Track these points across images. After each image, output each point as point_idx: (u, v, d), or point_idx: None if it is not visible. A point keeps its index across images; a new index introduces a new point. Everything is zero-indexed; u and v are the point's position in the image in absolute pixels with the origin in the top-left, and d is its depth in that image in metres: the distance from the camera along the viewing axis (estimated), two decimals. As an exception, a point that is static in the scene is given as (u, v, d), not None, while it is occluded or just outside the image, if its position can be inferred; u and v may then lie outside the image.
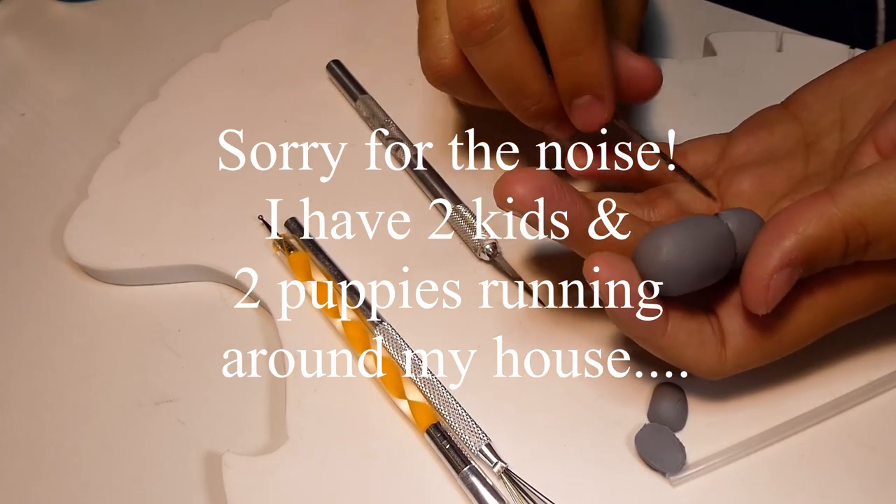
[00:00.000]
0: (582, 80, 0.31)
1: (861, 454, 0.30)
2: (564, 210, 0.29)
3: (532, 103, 0.32)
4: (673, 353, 0.29)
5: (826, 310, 0.28)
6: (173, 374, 0.35)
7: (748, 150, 0.34)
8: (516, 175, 0.29)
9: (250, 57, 0.46)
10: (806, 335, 0.29)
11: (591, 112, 0.31)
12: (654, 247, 0.28)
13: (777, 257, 0.26)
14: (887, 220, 0.26)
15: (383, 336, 0.34)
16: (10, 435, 0.35)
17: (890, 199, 0.26)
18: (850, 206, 0.26)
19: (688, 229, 0.28)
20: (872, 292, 0.28)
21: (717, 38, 0.44)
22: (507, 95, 0.33)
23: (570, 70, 0.30)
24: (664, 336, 0.29)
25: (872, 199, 0.26)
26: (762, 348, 0.29)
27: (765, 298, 0.26)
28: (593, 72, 0.30)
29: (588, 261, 0.28)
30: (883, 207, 0.26)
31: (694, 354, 0.29)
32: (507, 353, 0.34)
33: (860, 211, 0.26)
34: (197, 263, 0.38)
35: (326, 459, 0.31)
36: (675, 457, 0.30)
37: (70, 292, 0.39)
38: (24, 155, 0.45)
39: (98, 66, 0.49)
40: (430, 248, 0.37)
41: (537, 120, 0.33)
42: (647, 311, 0.28)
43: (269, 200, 0.39)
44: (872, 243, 0.26)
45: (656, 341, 0.29)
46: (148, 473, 0.33)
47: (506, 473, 0.30)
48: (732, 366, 0.29)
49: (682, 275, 0.28)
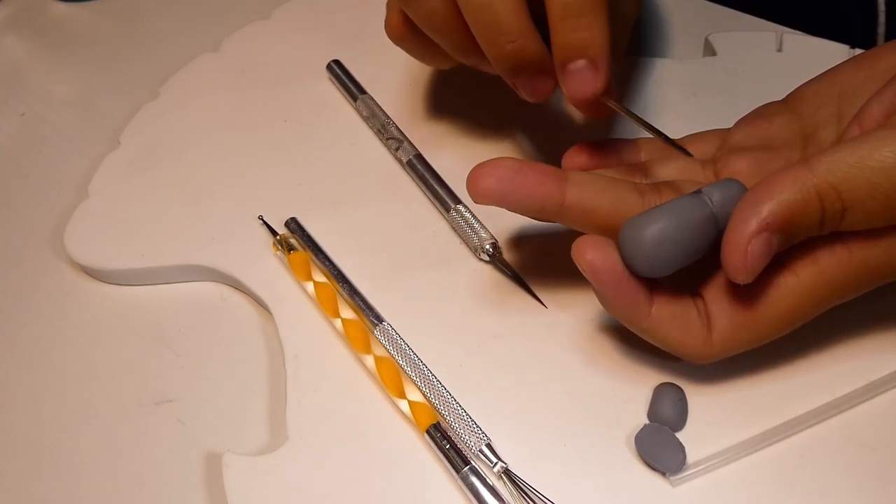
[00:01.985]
0: (580, 43, 0.30)
1: (861, 454, 0.30)
2: (529, 192, 0.29)
3: (508, 40, 0.31)
4: (657, 335, 0.29)
5: (811, 291, 0.28)
6: (173, 374, 0.35)
7: (747, 136, 0.34)
8: (478, 170, 0.30)
9: (250, 57, 0.46)
10: (793, 318, 0.29)
11: (584, 78, 0.31)
12: (637, 231, 0.28)
13: (754, 223, 0.26)
14: (861, 186, 0.26)
15: (383, 336, 0.34)
16: (10, 435, 0.35)
17: (863, 164, 0.26)
18: (825, 172, 0.26)
19: (670, 212, 0.28)
20: (858, 272, 0.28)
21: (717, 38, 0.44)
22: (484, 30, 0.31)
23: (569, 30, 0.30)
24: (648, 318, 0.29)
25: (846, 166, 0.26)
26: (748, 332, 0.29)
27: (744, 265, 0.26)
28: (593, 35, 0.30)
29: (576, 243, 0.29)
30: (857, 173, 0.26)
31: (679, 337, 0.29)
32: (507, 352, 0.34)
33: (834, 177, 0.26)
34: (197, 263, 0.38)
35: (326, 459, 0.31)
36: (675, 457, 0.30)
37: (70, 292, 0.39)
38: (24, 155, 0.45)
39: (98, 66, 0.49)
40: (430, 248, 0.37)
41: (512, 63, 0.32)
42: (630, 293, 0.29)
43: (269, 200, 0.39)
44: (848, 210, 0.26)
45: (640, 323, 0.29)
46: (148, 473, 0.33)
47: (506, 473, 0.30)
48: (719, 350, 0.29)
49: (665, 258, 0.28)
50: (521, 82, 0.33)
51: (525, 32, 0.31)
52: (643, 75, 0.43)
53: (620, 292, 0.29)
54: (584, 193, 0.30)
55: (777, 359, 0.32)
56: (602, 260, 0.28)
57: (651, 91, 0.42)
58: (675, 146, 0.32)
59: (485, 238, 0.36)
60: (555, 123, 0.41)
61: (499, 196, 0.30)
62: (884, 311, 0.33)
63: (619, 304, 0.29)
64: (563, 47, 0.31)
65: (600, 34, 0.30)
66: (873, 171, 0.26)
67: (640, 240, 0.28)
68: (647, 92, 0.42)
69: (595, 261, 0.28)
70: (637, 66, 0.43)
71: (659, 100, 0.42)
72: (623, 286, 0.29)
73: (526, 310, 0.35)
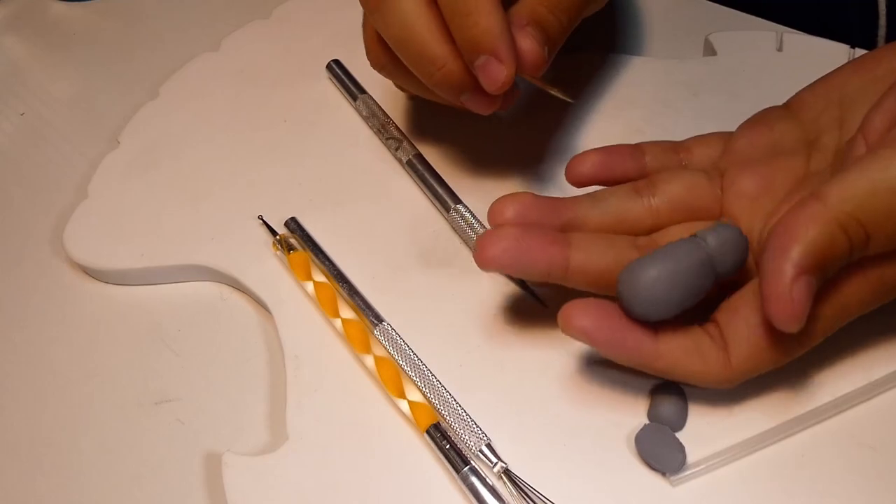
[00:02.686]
0: (474, 40, 0.31)
1: (861, 454, 0.30)
2: (534, 260, 0.30)
3: (436, 68, 0.32)
4: (676, 372, 0.29)
5: (832, 309, 0.28)
6: (173, 374, 0.35)
7: (750, 143, 0.34)
8: (483, 240, 0.30)
9: (250, 57, 0.46)
10: (813, 336, 0.29)
11: (491, 71, 0.31)
12: (634, 275, 0.29)
13: (790, 269, 0.26)
14: (878, 210, 0.26)
15: (383, 336, 0.34)
16: (10, 435, 0.35)
17: (876, 188, 0.26)
18: (840, 203, 0.26)
19: (665, 256, 0.29)
20: (875, 288, 0.28)
21: (717, 38, 0.44)
22: (411, 61, 0.33)
23: (462, 30, 0.31)
24: (659, 358, 0.29)
25: (860, 193, 0.26)
26: (770, 353, 0.29)
27: (793, 313, 0.26)
28: (485, 30, 0.30)
29: (561, 316, 0.29)
30: (872, 199, 0.26)
31: (697, 369, 0.29)
32: (507, 353, 0.34)
33: (850, 206, 0.26)
34: (197, 263, 0.38)
35: (326, 459, 0.31)
36: (675, 457, 0.30)
37: (70, 292, 0.39)
38: (24, 155, 0.45)
39: (98, 66, 0.49)
40: (430, 248, 0.37)
41: (447, 87, 0.33)
42: (631, 339, 0.29)
43: (269, 200, 0.39)
44: (872, 236, 0.27)
45: (654, 364, 0.29)
46: (148, 473, 0.33)
47: (506, 473, 0.30)
48: (741, 373, 0.29)
49: (663, 300, 0.29)
50: (466, 100, 0.33)
51: (448, 56, 0.32)
52: (643, 75, 0.43)
53: (621, 342, 0.29)
54: (587, 257, 0.31)
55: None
56: (591, 321, 0.29)
57: (651, 91, 0.42)
58: (557, 94, 0.33)
59: (485, 238, 0.36)
60: (555, 120, 0.41)
61: (506, 265, 0.30)
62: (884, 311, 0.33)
63: (626, 354, 0.29)
64: (464, 47, 0.31)
65: (491, 24, 0.30)
66: (888, 192, 0.26)
67: (636, 283, 0.29)
68: (648, 92, 0.42)
69: (585, 325, 0.29)
70: (637, 66, 0.43)
71: (659, 100, 0.42)
72: (621, 336, 0.29)
73: (526, 310, 0.35)
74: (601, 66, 0.44)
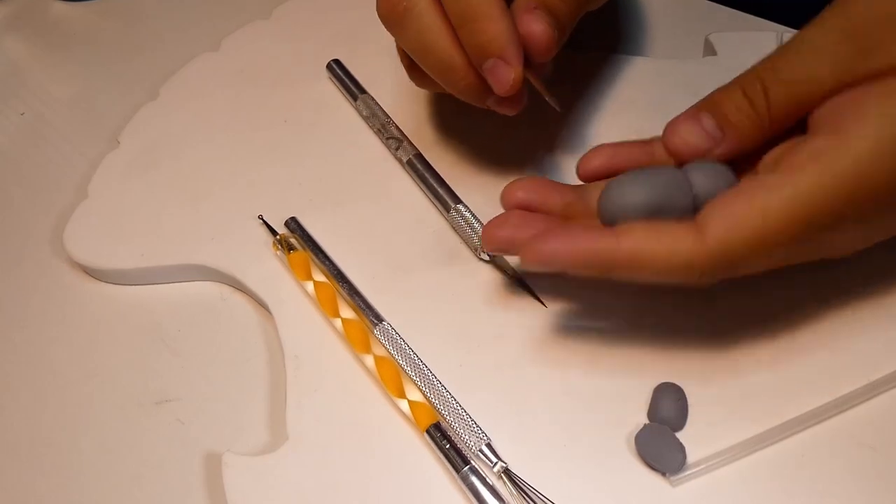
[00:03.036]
0: (482, 44, 0.32)
1: (861, 454, 0.30)
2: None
3: (461, 77, 0.33)
4: (640, 259, 0.28)
5: (799, 192, 0.28)
6: (173, 374, 0.35)
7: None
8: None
9: (250, 57, 0.46)
10: (786, 229, 0.28)
11: (499, 73, 0.32)
12: (607, 186, 0.30)
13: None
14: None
15: (383, 336, 0.34)
16: (10, 435, 0.35)
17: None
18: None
19: (640, 172, 0.30)
20: (833, 184, 0.28)
21: (717, 38, 0.44)
22: (436, 72, 0.34)
23: (470, 36, 0.32)
24: (620, 247, 0.28)
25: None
26: (744, 230, 0.28)
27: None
28: (491, 34, 0.31)
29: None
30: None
31: (666, 247, 0.28)
32: (508, 353, 0.34)
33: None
34: (197, 263, 0.38)
35: (326, 459, 0.31)
36: (675, 457, 0.30)
37: (70, 292, 0.39)
38: (24, 155, 0.45)
39: (98, 66, 0.49)
40: (430, 248, 0.37)
41: (471, 94, 0.34)
42: (588, 237, 0.29)
43: (269, 200, 0.39)
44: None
45: (614, 257, 0.28)
46: (148, 473, 0.33)
47: (506, 473, 0.30)
48: (717, 252, 0.28)
49: (630, 206, 0.29)
50: (492, 103, 0.34)
51: (468, 66, 0.33)
52: (643, 75, 0.43)
53: (576, 238, 0.29)
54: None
55: (777, 359, 0.32)
56: (531, 229, 0.31)
57: (651, 91, 0.42)
58: (550, 99, 0.34)
59: (485, 238, 0.36)
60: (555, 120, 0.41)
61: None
62: (884, 311, 0.33)
63: (582, 249, 0.29)
64: (472, 52, 0.32)
65: (497, 28, 0.31)
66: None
67: (608, 188, 0.30)
68: (648, 92, 0.42)
69: (522, 234, 0.30)
70: (637, 66, 0.43)
71: (659, 100, 0.42)
72: (575, 233, 0.29)
73: (526, 310, 0.35)
74: (601, 66, 0.44)
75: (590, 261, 0.29)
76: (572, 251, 0.29)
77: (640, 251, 0.28)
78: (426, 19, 0.33)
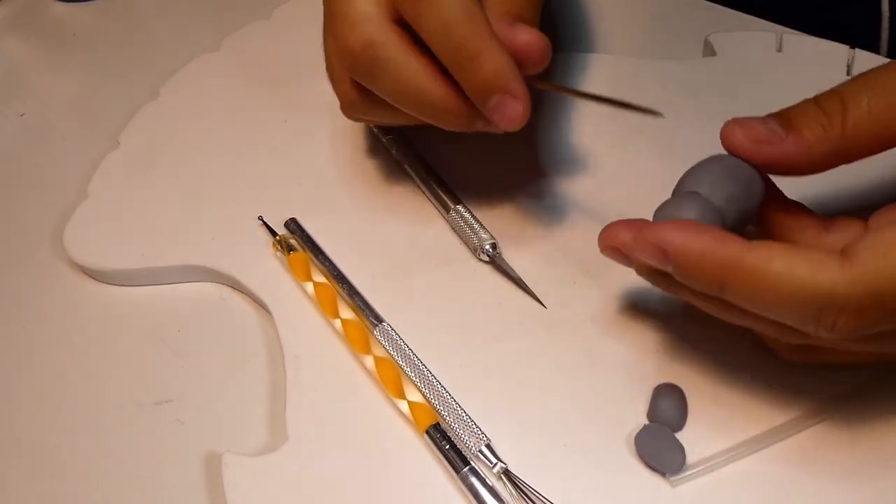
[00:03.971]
0: (486, 82, 0.30)
1: (861, 454, 0.30)
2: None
3: (441, 111, 0.31)
4: (768, 275, 0.25)
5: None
6: (173, 374, 0.35)
7: None
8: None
9: (250, 57, 0.46)
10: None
11: (507, 109, 0.30)
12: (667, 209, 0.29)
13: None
14: None
15: (383, 336, 0.34)
16: (10, 435, 0.35)
17: None
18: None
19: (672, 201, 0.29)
20: None
21: (717, 38, 0.44)
22: (424, 114, 0.32)
23: (470, 73, 0.30)
24: (747, 256, 0.25)
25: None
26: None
27: None
28: (493, 70, 0.30)
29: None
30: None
31: (807, 269, 0.24)
32: (507, 353, 0.34)
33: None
34: (197, 263, 0.38)
35: (326, 459, 0.31)
36: (675, 457, 0.30)
37: (70, 292, 0.39)
38: (24, 155, 0.45)
39: (98, 66, 0.49)
40: (430, 248, 0.37)
41: (459, 124, 0.32)
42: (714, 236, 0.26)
43: (269, 200, 0.39)
44: None
45: (737, 262, 0.25)
46: (148, 473, 0.33)
47: (506, 474, 0.30)
48: (869, 285, 0.24)
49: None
50: (485, 128, 0.32)
51: (452, 96, 0.31)
52: (643, 75, 0.43)
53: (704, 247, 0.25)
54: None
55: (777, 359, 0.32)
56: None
57: (651, 91, 0.42)
58: (631, 107, 0.31)
59: (485, 238, 0.36)
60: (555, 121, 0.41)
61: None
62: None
63: (698, 247, 0.26)
64: (473, 92, 0.31)
65: (499, 63, 0.30)
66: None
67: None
68: (647, 92, 0.42)
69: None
70: (637, 66, 0.43)
71: (659, 100, 0.41)
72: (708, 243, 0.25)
73: (526, 310, 0.35)
74: (601, 67, 0.44)
75: (705, 262, 0.25)
76: (687, 245, 0.25)
77: (770, 263, 0.24)
78: (401, 60, 0.31)
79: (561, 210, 0.38)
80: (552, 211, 0.38)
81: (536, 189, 0.39)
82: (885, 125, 0.27)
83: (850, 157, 0.27)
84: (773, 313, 0.25)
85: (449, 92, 0.31)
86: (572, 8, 0.48)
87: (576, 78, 0.43)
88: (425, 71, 0.31)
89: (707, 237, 0.25)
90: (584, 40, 0.46)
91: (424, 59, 0.31)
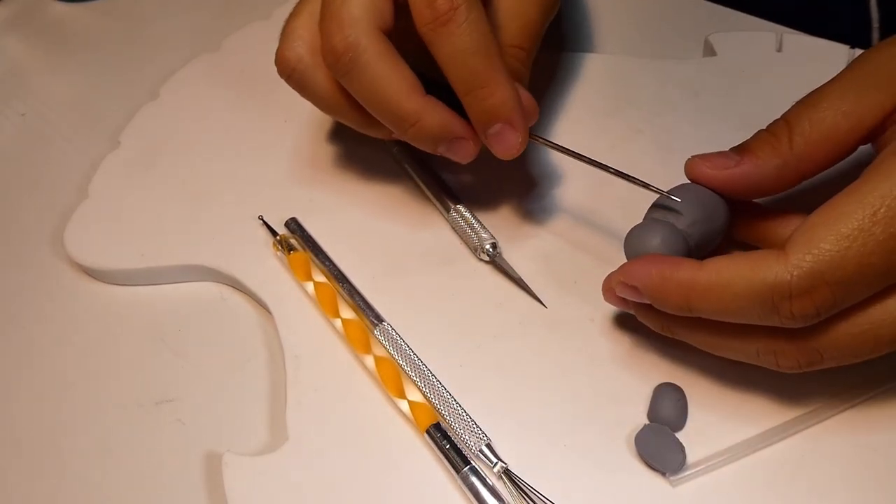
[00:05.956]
0: (491, 110, 0.32)
1: (861, 454, 0.30)
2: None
3: (409, 125, 0.33)
4: (720, 283, 0.28)
5: None
6: (173, 374, 0.35)
7: None
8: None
9: (250, 57, 0.46)
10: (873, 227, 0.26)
11: (505, 138, 0.32)
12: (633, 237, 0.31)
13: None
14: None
15: (383, 336, 0.34)
16: (10, 435, 0.35)
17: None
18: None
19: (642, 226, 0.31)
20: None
21: (717, 38, 0.44)
22: (385, 119, 0.33)
23: (477, 103, 0.32)
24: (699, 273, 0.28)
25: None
26: (829, 242, 0.27)
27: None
28: (500, 100, 0.32)
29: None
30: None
31: (747, 268, 0.27)
32: (507, 352, 0.34)
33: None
34: (197, 263, 0.38)
35: (326, 459, 0.31)
36: (675, 457, 0.30)
37: (70, 292, 0.39)
38: (25, 155, 0.45)
39: (98, 66, 0.49)
40: (430, 248, 0.37)
41: (423, 141, 0.34)
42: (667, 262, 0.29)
43: (269, 200, 0.39)
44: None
45: (693, 282, 0.28)
46: (148, 473, 0.33)
47: (506, 473, 0.30)
48: (805, 266, 0.26)
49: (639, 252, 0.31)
50: (444, 152, 0.34)
51: (420, 112, 0.33)
52: (643, 75, 0.43)
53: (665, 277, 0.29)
54: None
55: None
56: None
57: (651, 91, 0.42)
58: (646, 186, 0.32)
59: (485, 238, 0.36)
60: (555, 121, 0.41)
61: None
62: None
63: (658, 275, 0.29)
64: (477, 118, 0.32)
65: (506, 94, 0.32)
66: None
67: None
68: (648, 92, 0.42)
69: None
70: (637, 66, 0.43)
71: (659, 100, 0.42)
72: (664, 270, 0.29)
73: (526, 309, 0.35)
74: (601, 67, 0.44)
75: (667, 286, 0.28)
76: (649, 275, 0.29)
77: (720, 274, 0.27)
78: (378, 67, 0.32)
79: (561, 210, 0.38)
80: (552, 211, 0.38)
81: (536, 189, 0.39)
82: (828, 138, 0.29)
83: (803, 172, 0.30)
84: (740, 317, 0.28)
85: (418, 109, 0.32)
86: (572, 8, 0.48)
87: (577, 78, 0.43)
88: (399, 82, 0.32)
89: (665, 265, 0.29)
90: (584, 40, 0.46)
91: (402, 71, 0.32)
